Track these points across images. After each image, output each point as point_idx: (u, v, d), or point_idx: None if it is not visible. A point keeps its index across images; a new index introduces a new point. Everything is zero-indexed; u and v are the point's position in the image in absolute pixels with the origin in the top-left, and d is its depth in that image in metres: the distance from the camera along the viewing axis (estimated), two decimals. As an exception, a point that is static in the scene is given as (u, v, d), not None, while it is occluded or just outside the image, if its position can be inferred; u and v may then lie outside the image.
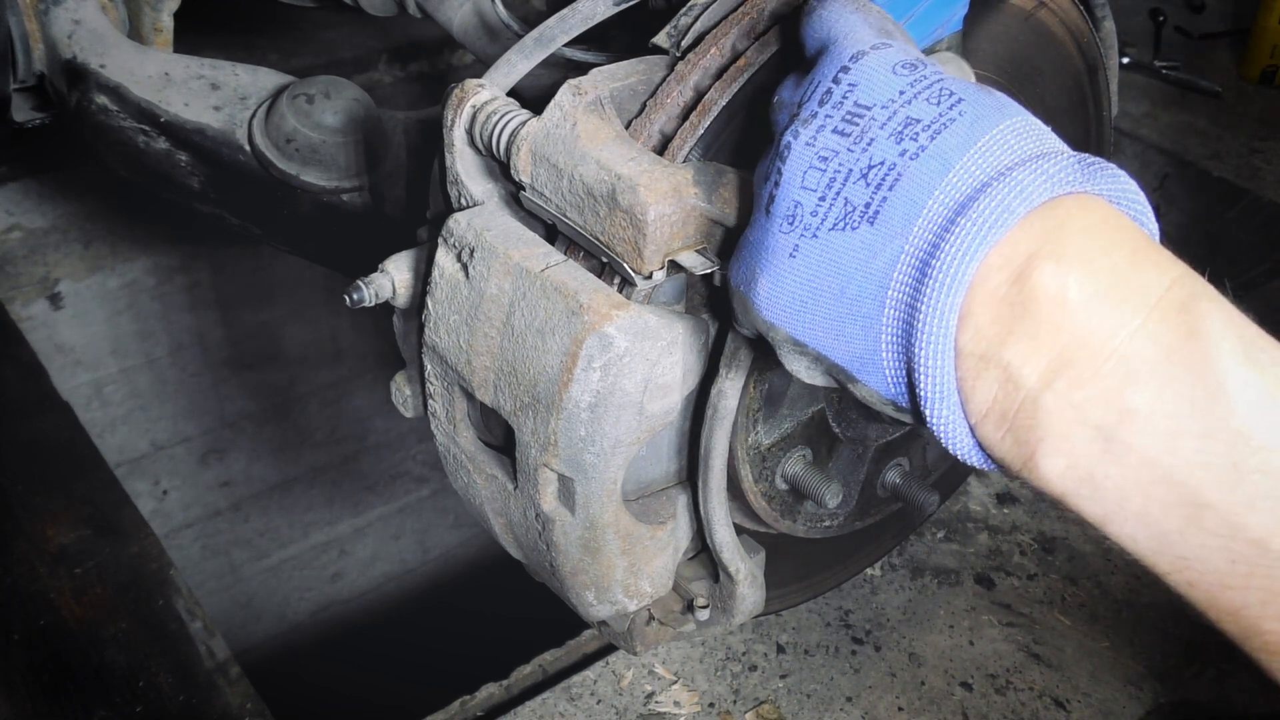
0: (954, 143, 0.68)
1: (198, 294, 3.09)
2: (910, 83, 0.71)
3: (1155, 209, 1.47)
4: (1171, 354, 0.63)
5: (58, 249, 2.84)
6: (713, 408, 0.96)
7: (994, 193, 0.66)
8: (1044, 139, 0.71)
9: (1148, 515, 0.64)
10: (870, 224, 0.69)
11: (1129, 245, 0.66)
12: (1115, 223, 0.67)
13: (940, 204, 0.67)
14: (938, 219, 0.67)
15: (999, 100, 0.71)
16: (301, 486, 3.54)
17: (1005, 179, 0.66)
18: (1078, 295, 0.64)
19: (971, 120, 0.68)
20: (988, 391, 0.66)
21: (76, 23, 1.63)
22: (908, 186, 0.68)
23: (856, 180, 0.70)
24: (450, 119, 0.96)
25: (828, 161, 0.71)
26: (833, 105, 0.72)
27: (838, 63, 0.73)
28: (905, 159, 0.68)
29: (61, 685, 1.64)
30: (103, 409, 3.06)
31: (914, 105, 0.70)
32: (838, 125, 0.71)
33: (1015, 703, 1.64)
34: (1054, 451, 0.65)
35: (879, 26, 0.75)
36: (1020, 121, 0.70)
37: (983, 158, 0.67)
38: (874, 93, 0.71)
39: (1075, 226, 0.65)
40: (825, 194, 0.71)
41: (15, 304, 2.77)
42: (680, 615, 1.11)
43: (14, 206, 2.77)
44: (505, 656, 1.70)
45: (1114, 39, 1.31)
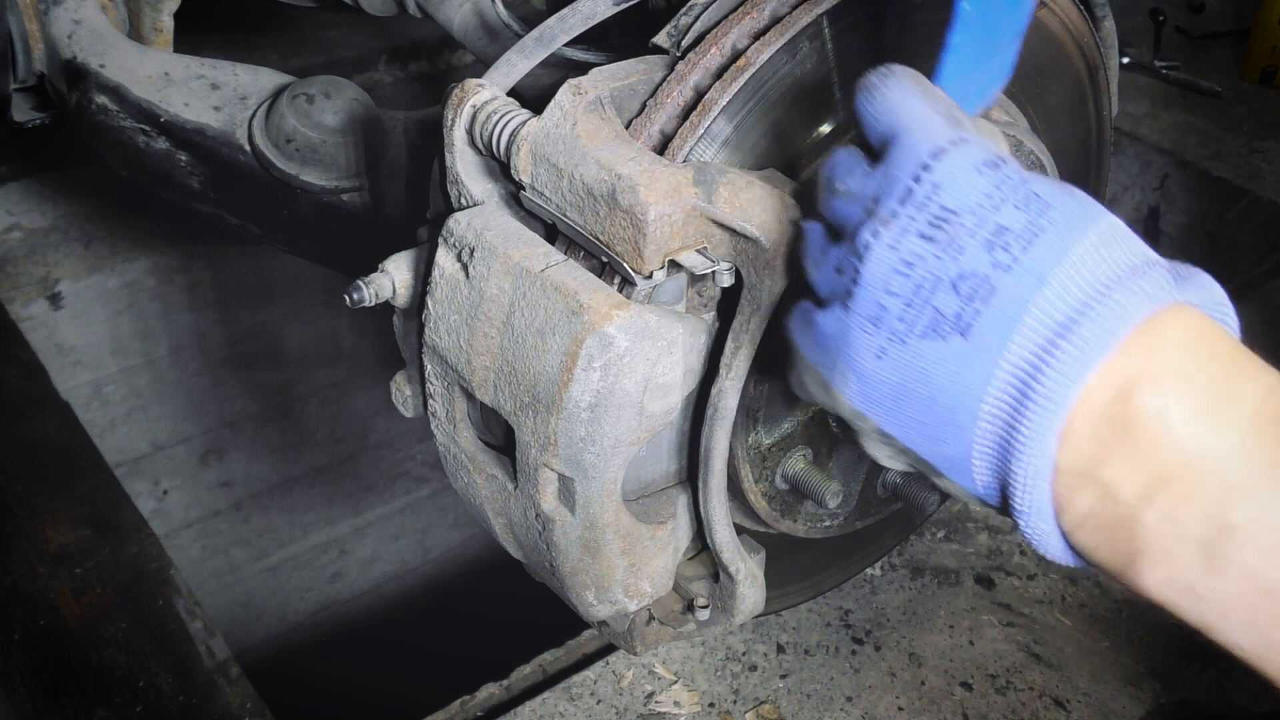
0: (1047, 255, 0.68)
1: (198, 294, 3.08)
2: (996, 184, 0.70)
3: (1155, 209, 1.47)
4: (1269, 469, 0.65)
5: (58, 249, 2.84)
6: (713, 408, 0.96)
7: (1096, 316, 0.66)
8: (1130, 244, 0.70)
9: (1254, 625, 0.66)
10: (962, 336, 0.69)
11: (1224, 358, 0.68)
12: (1209, 335, 0.68)
13: (1038, 321, 0.67)
14: (1036, 338, 0.67)
15: (1082, 202, 0.70)
16: (301, 486, 3.54)
17: (1105, 300, 0.67)
18: (1177, 414, 0.65)
19: (1062, 228, 0.68)
20: (1085, 504, 0.68)
21: (76, 23, 1.63)
22: (1002, 301, 0.68)
23: (946, 290, 0.70)
24: (450, 119, 0.96)
25: (913, 268, 0.70)
26: (915, 207, 0.71)
27: (916, 159, 0.72)
28: (998, 271, 0.68)
29: (61, 685, 1.64)
30: (103, 409, 3.05)
31: (1003, 212, 0.69)
32: (923, 229, 0.70)
33: (1015, 703, 1.64)
34: (1154, 564, 0.67)
35: (947, 114, 0.74)
36: (1106, 226, 0.70)
37: (1077, 272, 0.68)
38: (960, 196, 0.70)
39: (1172, 343, 0.67)
40: (912, 301, 0.71)
41: (15, 304, 2.77)
42: (680, 615, 1.11)
43: (14, 206, 2.77)
44: (505, 656, 1.70)
45: (1114, 39, 1.31)
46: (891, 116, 0.74)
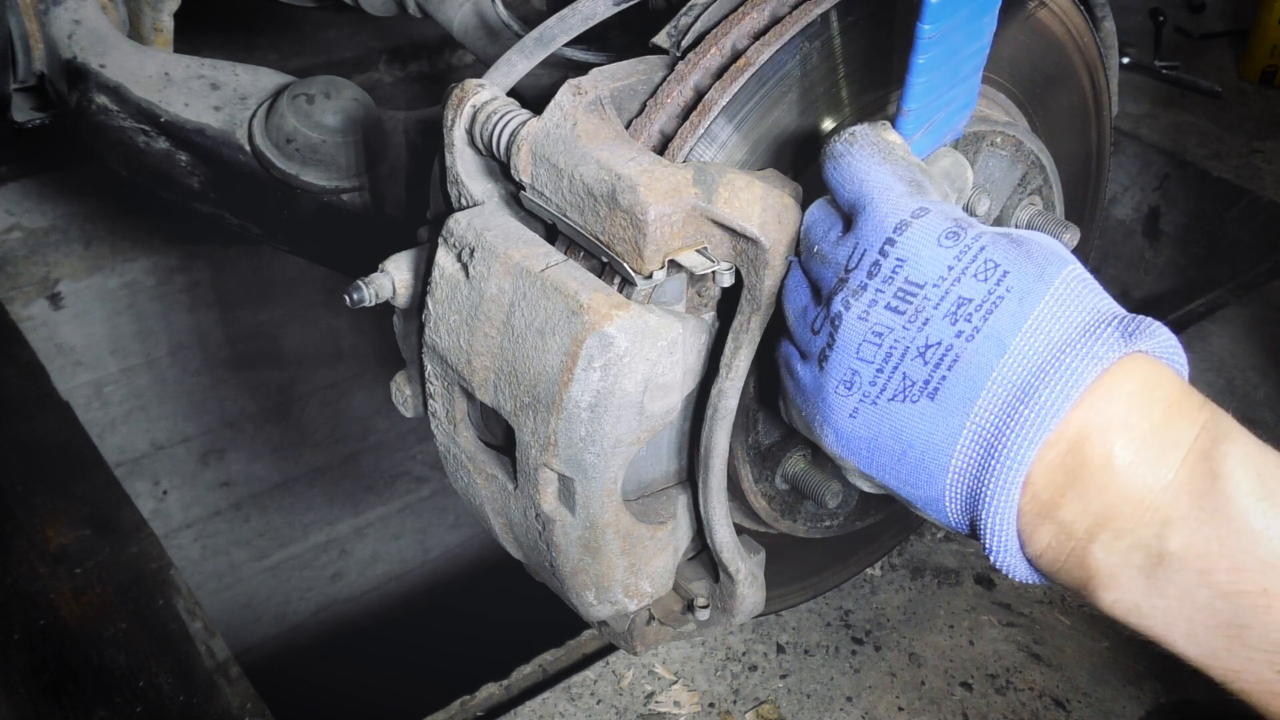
0: (1006, 323, 0.74)
1: (198, 294, 3.08)
2: (956, 256, 0.76)
3: (1155, 209, 1.46)
4: (1198, 500, 0.72)
5: (58, 249, 2.84)
6: (713, 408, 0.96)
7: (1052, 382, 0.73)
8: (1084, 300, 0.76)
9: (1194, 636, 0.73)
10: (930, 399, 0.76)
11: (1164, 402, 0.74)
12: (1153, 382, 0.75)
13: (1000, 385, 0.74)
14: (998, 402, 0.74)
15: (1039, 262, 0.76)
16: (301, 486, 3.54)
17: (1060, 365, 0.73)
18: (1120, 460, 0.73)
19: (1019, 296, 0.75)
20: (1044, 539, 0.76)
21: (76, 23, 1.63)
22: (966, 368, 0.75)
23: (914, 357, 0.76)
24: (450, 119, 0.96)
25: (882, 338, 0.77)
26: (883, 280, 0.77)
27: (881, 232, 0.77)
28: (961, 340, 0.75)
29: (61, 685, 1.64)
30: (103, 409, 3.05)
31: (963, 283, 0.75)
32: (890, 302, 0.77)
33: (1015, 703, 1.64)
34: (1104, 588, 0.75)
35: (909, 179, 0.79)
36: (1061, 286, 0.75)
37: (1034, 337, 0.74)
38: (923, 269, 0.76)
39: (1118, 397, 0.74)
40: (883, 367, 0.77)
41: (15, 304, 2.77)
42: (680, 615, 1.11)
43: (14, 206, 2.77)
44: (505, 656, 1.70)
45: (1114, 39, 1.31)
46: (857, 185, 0.80)
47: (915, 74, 0.82)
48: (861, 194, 0.79)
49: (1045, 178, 1.15)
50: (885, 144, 0.80)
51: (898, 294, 0.76)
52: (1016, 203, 1.14)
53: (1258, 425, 2.15)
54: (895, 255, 0.77)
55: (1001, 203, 1.13)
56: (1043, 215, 1.14)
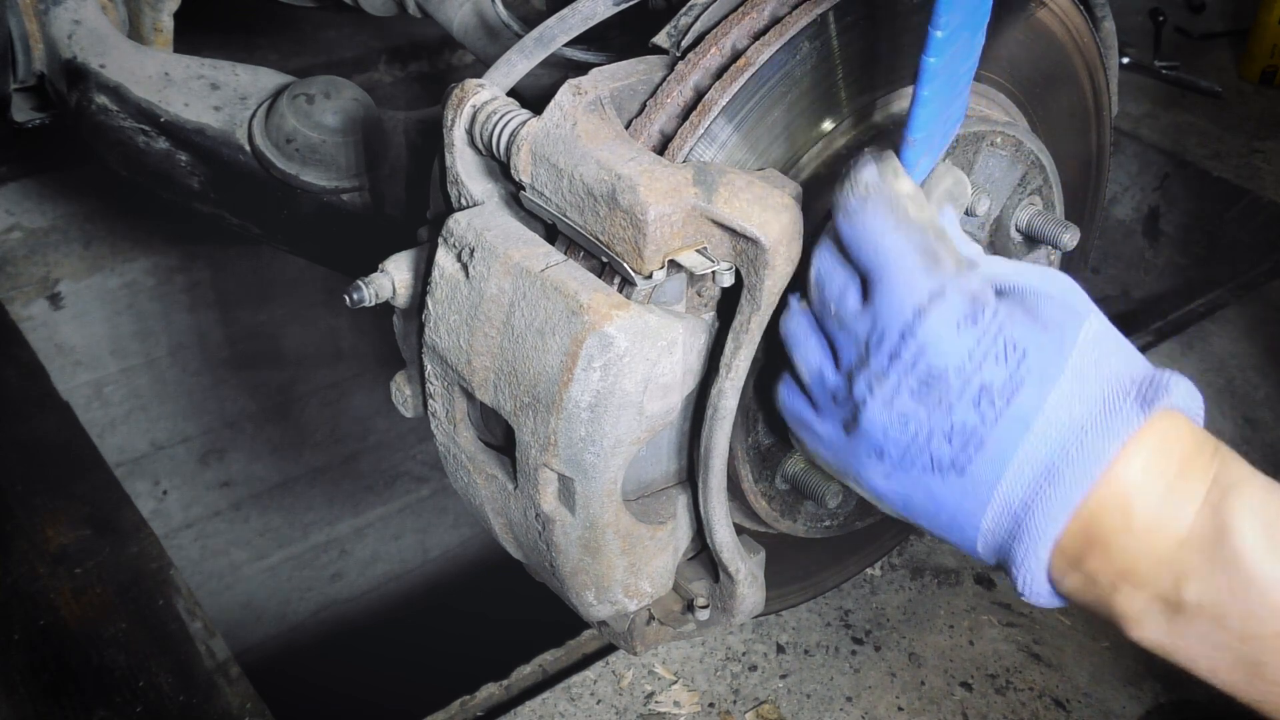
0: (1028, 405, 0.78)
1: (198, 294, 3.08)
2: (976, 339, 0.78)
3: (1155, 209, 1.46)
4: (1209, 553, 0.77)
5: (58, 249, 2.84)
6: (713, 408, 0.96)
7: (1074, 462, 0.78)
8: (1102, 367, 0.79)
9: (1217, 672, 0.80)
10: (959, 475, 0.80)
11: (1178, 459, 0.79)
12: (1169, 440, 0.79)
13: (1025, 464, 0.79)
14: (1024, 479, 0.79)
15: (1056, 334, 0.79)
16: (301, 486, 3.54)
17: (1082, 445, 0.77)
18: (1138, 523, 0.78)
19: (1039, 377, 0.78)
20: (1071, 584, 0.82)
21: (76, 23, 1.63)
22: (991, 449, 0.79)
23: (940, 439, 0.80)
24: (450, 119, 0.97)
25: (908, 421, 0.81)
26: (904, 368, 0.80)
27: (900, 317, 0.79)
28: (985, 424, 0.79)
29: (61, 685, 1.64)
30: (103, 409, 3.05)
31: (984, 369, 0.78)
32: (913, 388, 0.80)
33: (1015, 703, 1.64)
34: (1130, 627, 0.82)
35: (923, 247, 0.79)
36: (1078, 357, 0.79)
37: (1056, 416, 0.78)
38: (944, 357, 0.79)
39: (1136, 464, 0.78)
40: (910, 447, 0.81)
41: (15, 304, 2.77)
42: (680, 615, 1.11)
43: (14, 206, 2.77)
44: (505, 656, 1.70)
45: (1114, 39, 1.31)
46: (871, 251, 0.81)
47: (920, 105, 0.81)
48: (876, 263, 0.80)
49: (1045, 178, 1.15)
50: (898, 202, 0.80)
51: (920, 381, 0.79)
52: (1016, 203, 1.14)
53: (1258, 425, 2.16)
54: (915, 344, 0.79)
55: (1001, 203, 1.13)
56: (1043, 215, 1.14)
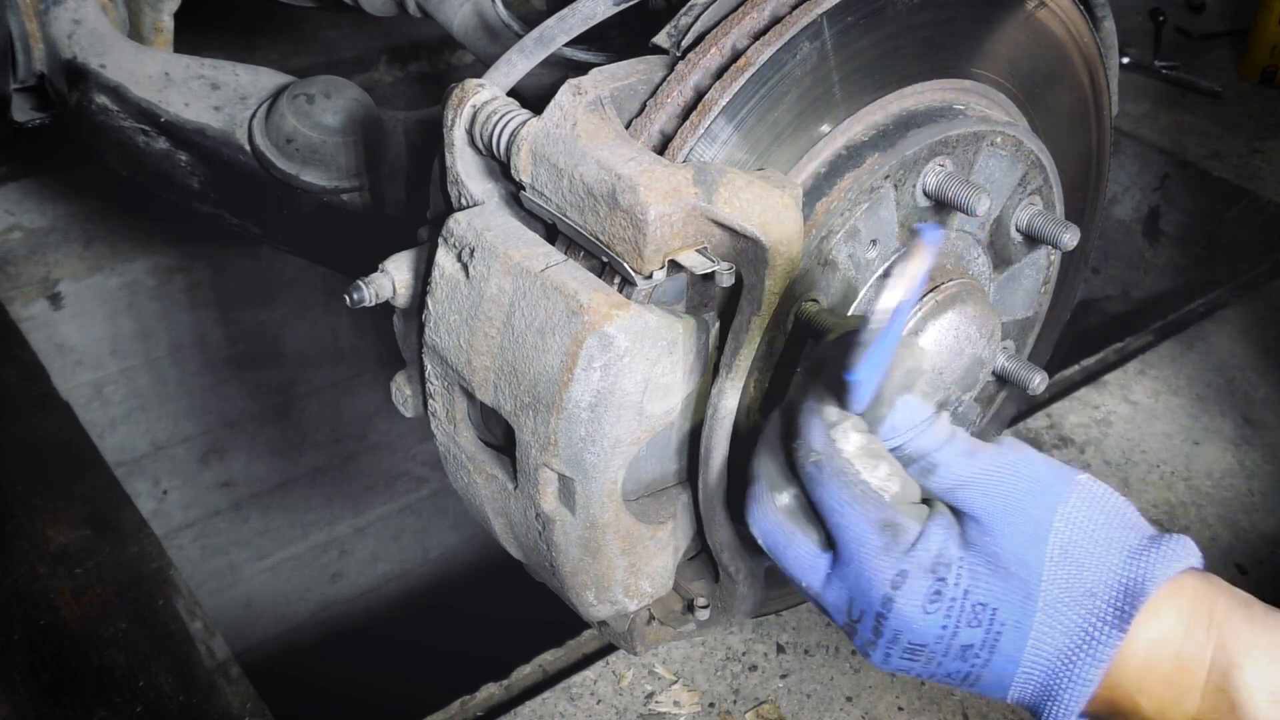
0: (1011, 650, 0.83)
1: (198, 294, 3.08)
2: (945, 614, 0.83)
3: (1155, 209, 1.45)
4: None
5: (58, 249, 2.84)
6: (713, 408, 0.96)
7: (1066, 683, 0.83)
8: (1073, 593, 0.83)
9: None
10: (972, 687, 0.87)
11: (1172, 654, 0.83)
12: (1160, 636, 0.83)
13: (1024, 691, 0.85)
14: (1029, 693, 0.85)
15: (1021, 582, 0.83)
16: (301, 486, 3.54)
17: (1071, 670, 0.83)
18: (1148, 709, 0.83)
19: (1014, 627, 0.83)
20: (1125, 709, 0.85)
21: (76, 23, 1.63)
22: (989, 683, 0.86)
23: (941, 679, 0.87)
24: (450, 119, 0.96)
25: (909, 671, 0.87)
26: (888, 641, 0.85)
27: (871, 603, 0.85)
28: (977, 669, 0.85)
29: (61, 685, 1.64)
30: (103, 409, 3.05)
31: (960, 634, 0.84)
32: (903, 654, 0.86)
33: (1015, 703, 1.64)
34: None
35: (881, 521, 0.83)
36: (1047, 593, 0.82)
37: (1040, 650, 0.83)
38: (920, 634, 0.84)
39: (1131, 666, 0.83)
40: (919, 677, 0.88)
41: (15, 304, 2.77)
42: (680, 615, 1.11)
43: (14, 206, 2.77)
44: (505, 656, 1.70)
45: (1114, 39, 1.31)
46: (834, 521, 0.85)
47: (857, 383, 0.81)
48: (840, 537, 0.85)
49: (1045, 178, 1.15)
50: (850, 472, 0.83)
51: (905, 652, 0.85)
52: (1016, 203, 1.14)
53: (1258, 425, 2.16)
54: (891, 627, 0.84)
55: (1001, 203, 1.13)
56: (1043, 215, 1.14)
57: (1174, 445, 2.11)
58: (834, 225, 1.00)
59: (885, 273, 0.79)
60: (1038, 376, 1.18)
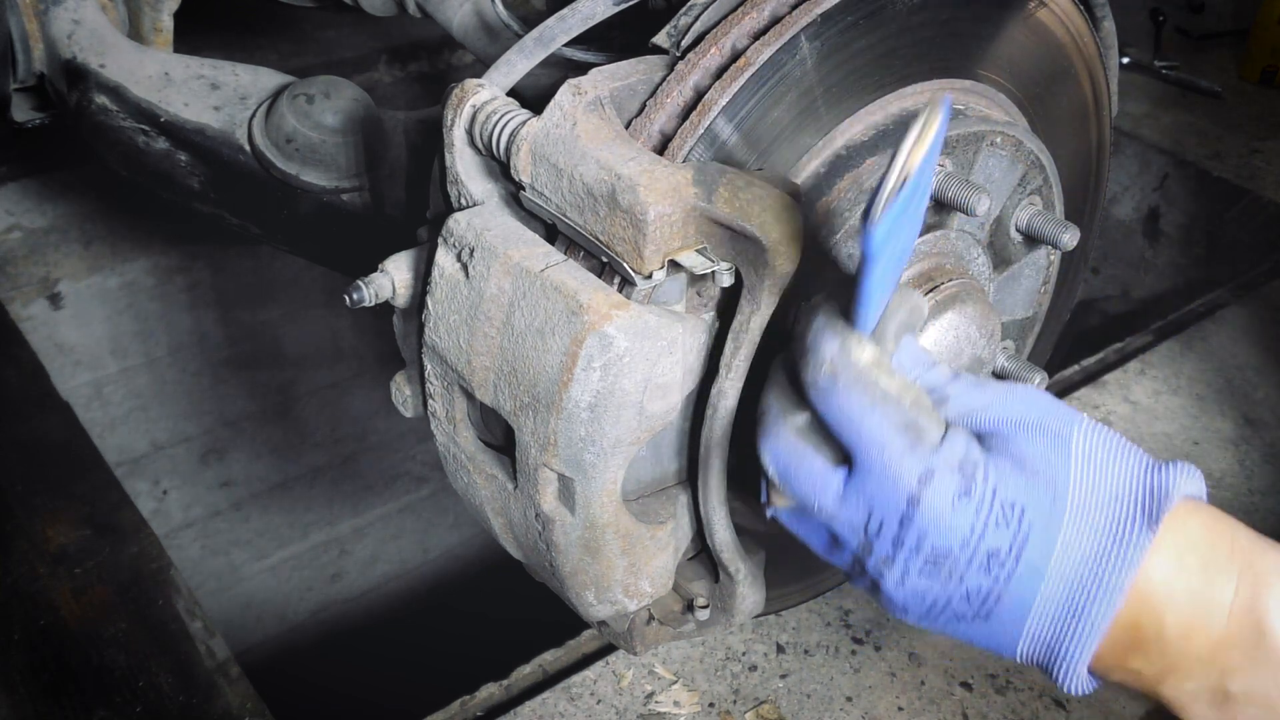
0: (1037, 556, 0.80)
1: (198, 294, 3.08)
2: (975, 512, 0.79)
3: (1155, 209, 1.45)
4: (1250, 652, 0.80)
5: (58, 249, 2.84)
6: (713, 408, 0.96)
7: (1094, 596, 0.80)
8: (1101, 493, 0.80)
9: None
10: (985, 621, 0.83)
11: (1199, 561, 0.81)
12: (1185, 546, 0.81)
13: (1047, 606, 0.81)
14: (1048, 619, 0.82)
15: (1049, 481, 0.80)
16: (301, 486, 3.54)
17: (1099, 579, 0.80)
18: (1171, 630, 0.81)
19: (1042, 528, 0.79)
20: (1119, 677, 0.85)
21: (76, 23, 1.63)
22: (1011, 600, 0.81)
23: (959, 601, 0.82)
24: (450, 119, 0.97)
25: (924, 595, 0.83)
26: (909, 551, 0.81)
27: (895, 506, 0.80)
28: (1000, 582, 0.81)
29: (61, 685, 1.64)
30: (103, 409, 3.05)
31: (988, 537, 0.79)
32: (921, 569, 0.81)
33: (1015, 703, 1.64)
34: (1179, 712, 0.85)
35: (903, 423, 0.79)
36: (1076, 494, 0.80)
37: (1067, 557, 0.80)
38: (946, 537, 0.80)
39: (1158, 576, 0.80)
40: (931, 608, 0.84)
41: (15, 304, 2.77)
42: (680, 615, 1.11)
43: (14, 206, 2.77)
44: (505, 656, 1.70)
45: (1114, 39, 1.31)
46: (854, 434, 0.80)
47: (867, 292, 0.78)
48: (859, 445, 0.80)
49: (1045, 178, 1.15)
50: (868, 379, 0.79)
51: (927, 561, 0.81)
52: (1016, 203, 1.14)
53: (1258, 425, 2.16)
54: (915, 529, 0.80)
55: (1001, 203, 1.13)
56: (1042, 215, 1.14)
57: (1174, 445, 2.11)
58: (834, 225, 1.00)
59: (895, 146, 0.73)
60: (1038, 376, 1.18)
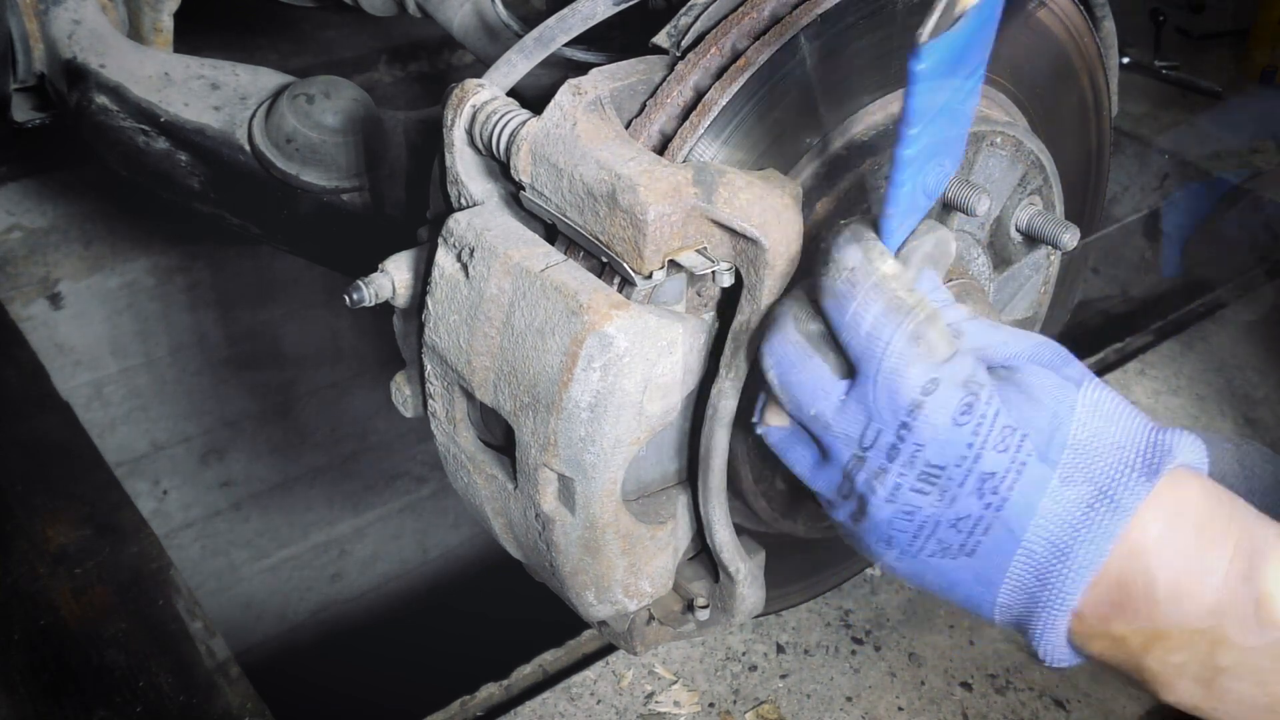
0: (1031, 488, 0.77)
1: (198, 294, 3.08)
2: (973, 430, 0.76)
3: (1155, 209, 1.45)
4: (1244, 623, 0.76)
5: (58, 249, 2.84)
6: (713, 408, 0.96)
7: (1083, 539, 0.76)
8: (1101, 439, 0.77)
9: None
10: (969, 556, 0.80)
11: (1193, 521, 0.78)
12: (1180, 507, 0.78)
13: (1034, 545, 0.78)
14: (1035, 560, 0.78)
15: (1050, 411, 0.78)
16: (301, 486, 3.54)
17: (1090, 523, 0.76)
18: (1162, 591, 0.77)
19: (1040, 459, 0.77)
20: (1097, 648, 0.81)
21: (76, 23, 1.63)
22: (999, 532, 0.78)
23: (947, 528, 0.79)
24: (450, 119, 0.97)
25: (913, 515, 0.79)
26: (903, 463, 0.78)
27: (895, 412, 0.77)
28: (991, 510, 0.77)
29: (61, 685, 1.64)
30: (103, 409, 3.05)
31: (984, 459, 0.76)
32: (914, 484, 0.78)
33: (1015, 703, 1.64)
34: (1163, 691, 0.80)
35: (914, 334, 0.77)
36: (1078, 432, 0.78)
37: (1061, 495, 0.77)
38: (943, 451, 0.77)
39: (1150, 535, 0.77)
40: (918, 535, 0.80)
41: (15, 304, 2.77)
42: (680, 615, 1.11)
43: (14, 206, 2.77)
44: (505, 656, 1.70)
45: (1114, 39, 1.31)
46: (861, 339, 0.78)
47: (895, 187, 0.77)
48: (866, 351, 0.78)
49: (1045, 178, 1.15)
50: (885, 287, 0.78)
51: (921, 476, 0.78)
52: (1016, 203, 1.14)
53: (1258, 425, 2.16)
54: (913, 440, 0.77)
55: (1001, 203, 1.13)
56: (1042, 215, 1.14)
57: (1174, 445, 2.11)
58: (834, 225, 1.00)
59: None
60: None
